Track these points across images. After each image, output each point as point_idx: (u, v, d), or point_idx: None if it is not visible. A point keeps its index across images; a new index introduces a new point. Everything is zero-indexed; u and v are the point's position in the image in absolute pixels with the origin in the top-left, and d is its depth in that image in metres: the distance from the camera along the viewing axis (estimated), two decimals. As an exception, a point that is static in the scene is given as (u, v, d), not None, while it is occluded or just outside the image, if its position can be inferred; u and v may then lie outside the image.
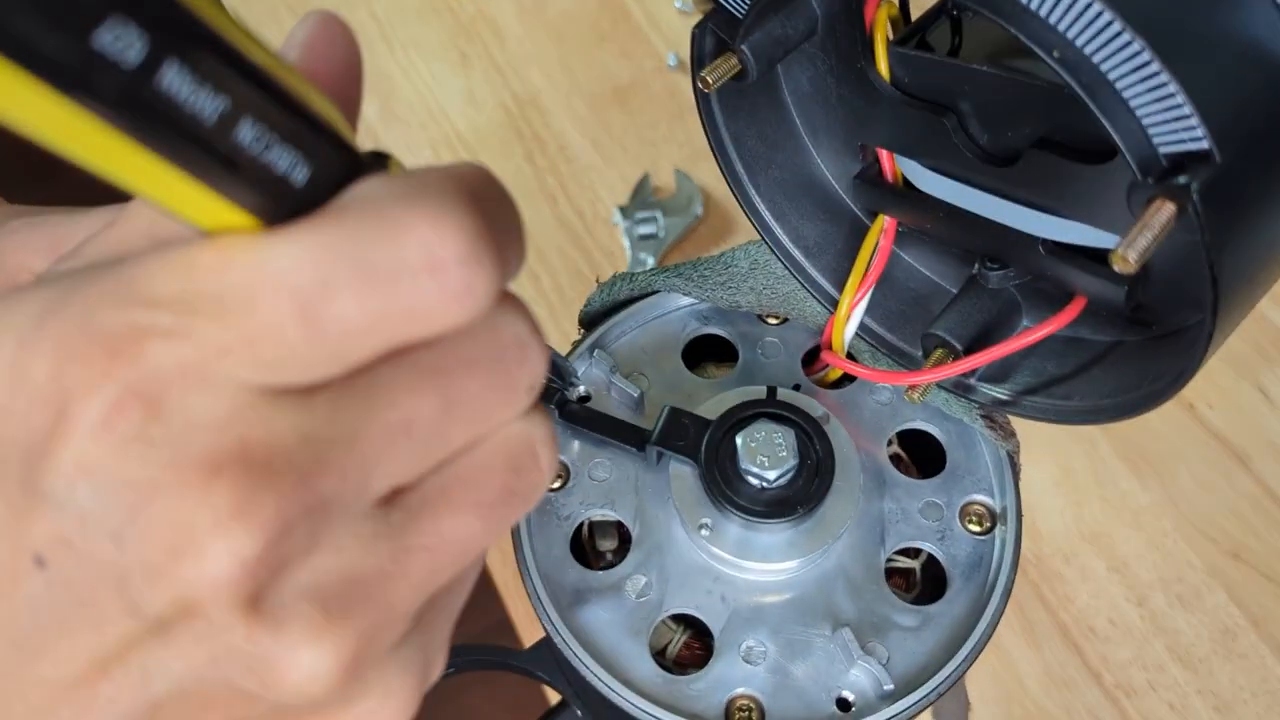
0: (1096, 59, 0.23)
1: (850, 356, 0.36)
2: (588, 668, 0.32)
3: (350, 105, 0.19)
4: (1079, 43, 0.23)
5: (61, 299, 0.16)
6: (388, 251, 0.16)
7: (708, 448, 0.33)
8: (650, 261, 0.70)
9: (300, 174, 0.16)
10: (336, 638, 0.17)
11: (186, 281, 0.16)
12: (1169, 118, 0.23)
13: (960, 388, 0.34)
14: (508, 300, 0.19)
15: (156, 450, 0.15)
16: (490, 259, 0.17)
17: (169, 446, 0.16)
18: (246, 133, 0.15)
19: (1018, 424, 0.37)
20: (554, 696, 0.56)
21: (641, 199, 0.72)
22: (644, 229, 0.71)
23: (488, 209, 0.17)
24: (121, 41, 0.13)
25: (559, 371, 0.33)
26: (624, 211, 0.71)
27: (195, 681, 0.17)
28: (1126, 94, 0.23)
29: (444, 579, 0.19)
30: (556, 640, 0.33)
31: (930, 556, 0.35)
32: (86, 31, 0.13)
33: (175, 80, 0.14)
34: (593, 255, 0.72)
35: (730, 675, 0.32)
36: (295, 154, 0.16)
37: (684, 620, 0.34)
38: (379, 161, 0.18)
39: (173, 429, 0.16)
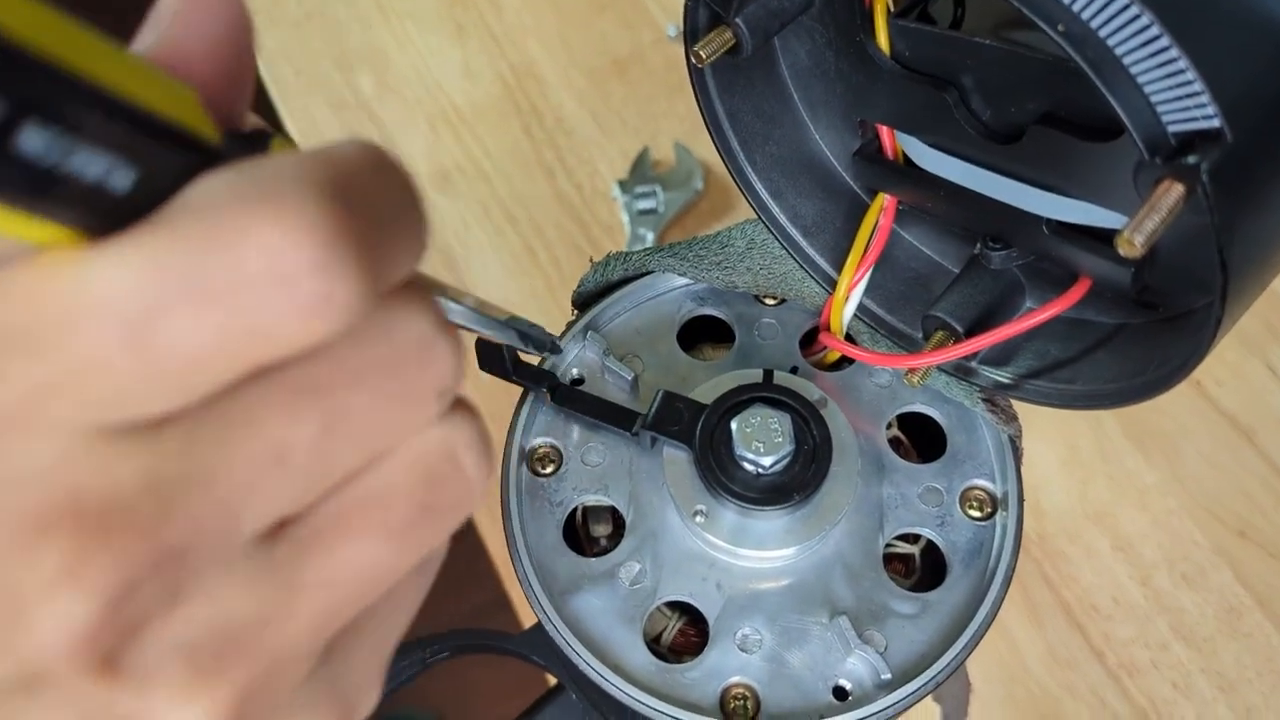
0: (1103, 33, 0.22)
1: (849, 338, 0.36)
2: (580, 656, 0.32)
3: (236, 80, 0.17)
4: (1085, 16, 0.22)
5: None
6: (224, 262, 0.14)
7: (702, 433, 0.32)
8: (650, 236, 0.69)
9: (120, 180, 0.14)
10: (213, 693, 0.16)
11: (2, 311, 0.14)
12: (1179, 95, 0.22)
13: (961, 371, 0.33)
14: (403, 296, 0.16)
15: None
16: (353, 262, 0.14)
17: None
18: (33, 141, 0.13)
19: (1022, 404, 0.36)
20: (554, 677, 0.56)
21: (641, 173, 0.71)
22: (643, 204, 0.70)
23: (357, 199, 0.15)
24: None
25: (534, 343, 0.30)
26: (623, 186, 0.70)
27: None
28: (1135, 70, 0.22)
29: (350, 613, 0.17)
30: (549, 628, 0.32)
31: (930, 542, 0.34)
32: None
33: None
34: (591, 230, 0.71)
35: (725, 664, 0.32)
36: (109, 157, 0.14)
37: (679, 608, 0.34)
38: (254, 145, 0.16)
39: None
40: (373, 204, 0.15)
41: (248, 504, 0.15)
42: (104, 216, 0.14)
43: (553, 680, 0.56)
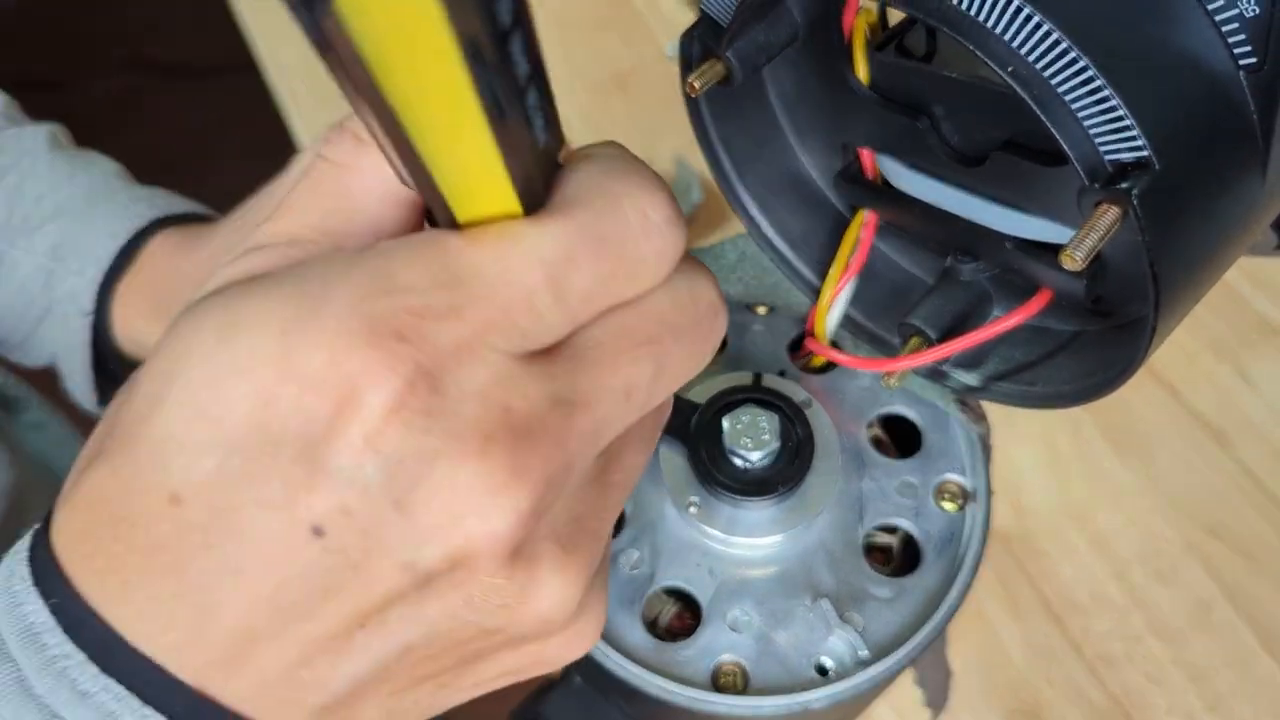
0: (1047, 74, 0.25)
1: (833, 344, 0.38)
2: (584, 636, 0.34)
3: None
4: (1031, 59, 0.25)
5: (317, 294, 0.17)
6: (614, 221, 0.18)
7: (696, 430, 0.35)
8: (649, 247, 0.72)
9: (545, 136, 0.18)
10: (574, 568, 0.20)
11: (445, 267, 0.18)
12: (1113, 129, 0.25)
13: (935, 374, 0.36)
14: (700, 270, 0.21)
15: (438, 423, 0.17)
16: (681, 215, 0.19)
17: (447, 418, 0.17)
18: (533, 97, 0.17)
19: (997, 407, 0.39)
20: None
21: (641, 186, 0.74)
22: (643, 215, 0.73)
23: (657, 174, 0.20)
24: (503, 7, 0.15)
25: None
26: (624, 198, 0.73)
27: (446, 623, 0.19)
28: (1074, 106, 0.25)
29: (625, 499, 0.22)
30: (555, 610, 0.35)
31: (907, 534, 0.37)
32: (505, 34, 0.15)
33: (517, 48, 0.16)
34: (593, 241, 0.74)
35: (717, 642, 0.35)
36: (545, 116, 0.17)
37: (674, 593, 0.37)
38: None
39: (450, 402, 0.17)
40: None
41: (608, 425, 0.19)
42: (532, 170, 0.18)
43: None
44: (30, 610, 0.19)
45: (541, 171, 0.19)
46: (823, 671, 0.34)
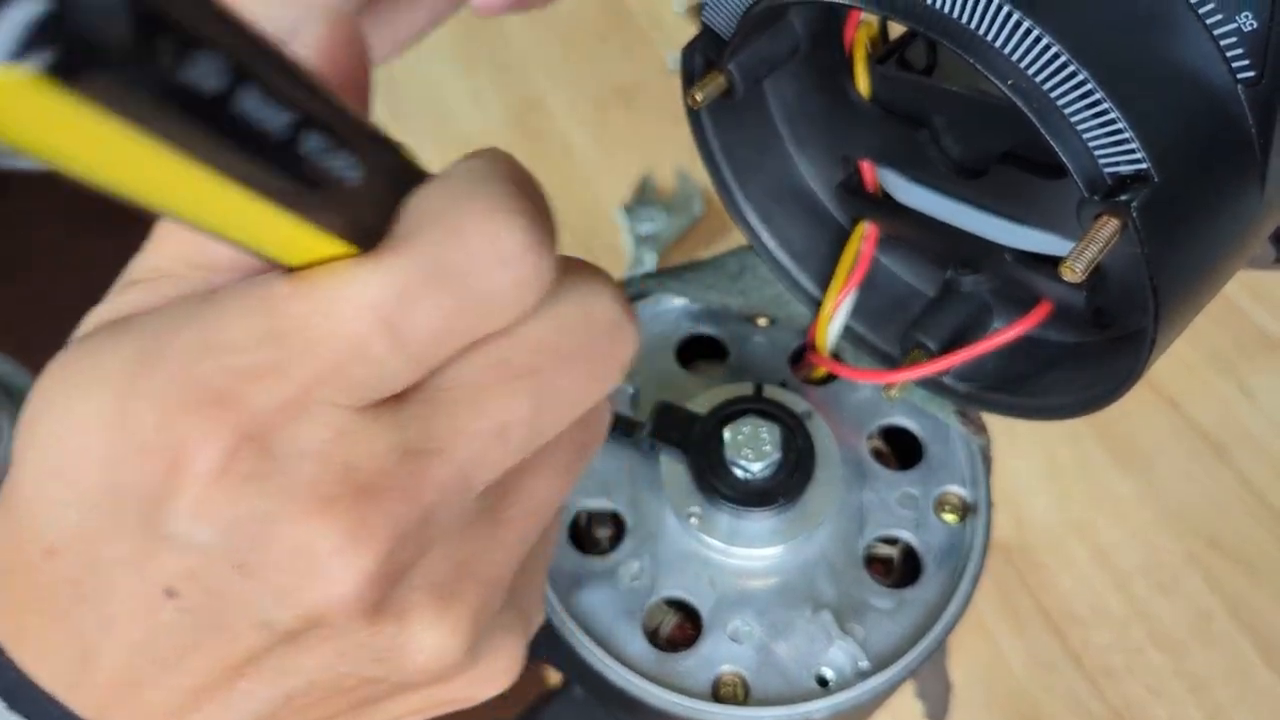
0: (1046, 87, 0.25)
1: (834, 356, 0.39)
2: (585, 647, 0.34)
3: (365, 101, 0.20)
4: (1031, 72, 0.25)
5: (152, 351, 0.17)
6: (456, 252, 0.17)
7: (697, 440, 0.35)
8: (651, 259, 0.72)
9: (355, 174, 0.16)
10: (453, 618, 0.19)
11: (269, 319, 0.17)
12: (1111, 141, 0.25)
13: (935, 386, 0.36)
14: (596, 285, 0.19)
15: (271, 486, 0.17)
16: (546, 238, 0.17)
17: (281, 480, 0.17)
18: (313, 142, 0.15)
19: (997, 419, 0.39)
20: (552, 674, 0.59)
21: (643, 198, 0.74)
22: (645, 227, 0.73)
23: (530, 191, 0.18)
24: (205, 70, 0.13)
25: None
26: (626, 210, 0.73)
27: (325, 673, 0.19)
28: (1074, 119, 0.25)
29: (537, 536, 0.21)
30: (555, 621, 0.35)
31: (908, 546, 0.37)
32: (175, 66, 0.12)
33: (252, 102, 0.13)
34: (595, 252, 0.74)
35: (717, 653, 0.35)
36: (349, 156, 0.16)
37: (675, 605, 0.37)
38: (398, 150, 0.18)
39: (282, 464, 0.17)
40: (535, 194, 0.18)
41: (478, 469, 0.18)
42: (345, 210, 0.16)
43: (551, 681, 0.59)
44: None
45: (372, 203, 0.17)
46: (823, 682, 0.34)
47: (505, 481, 0.19)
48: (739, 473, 0.35)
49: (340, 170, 0.16)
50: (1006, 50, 0.25)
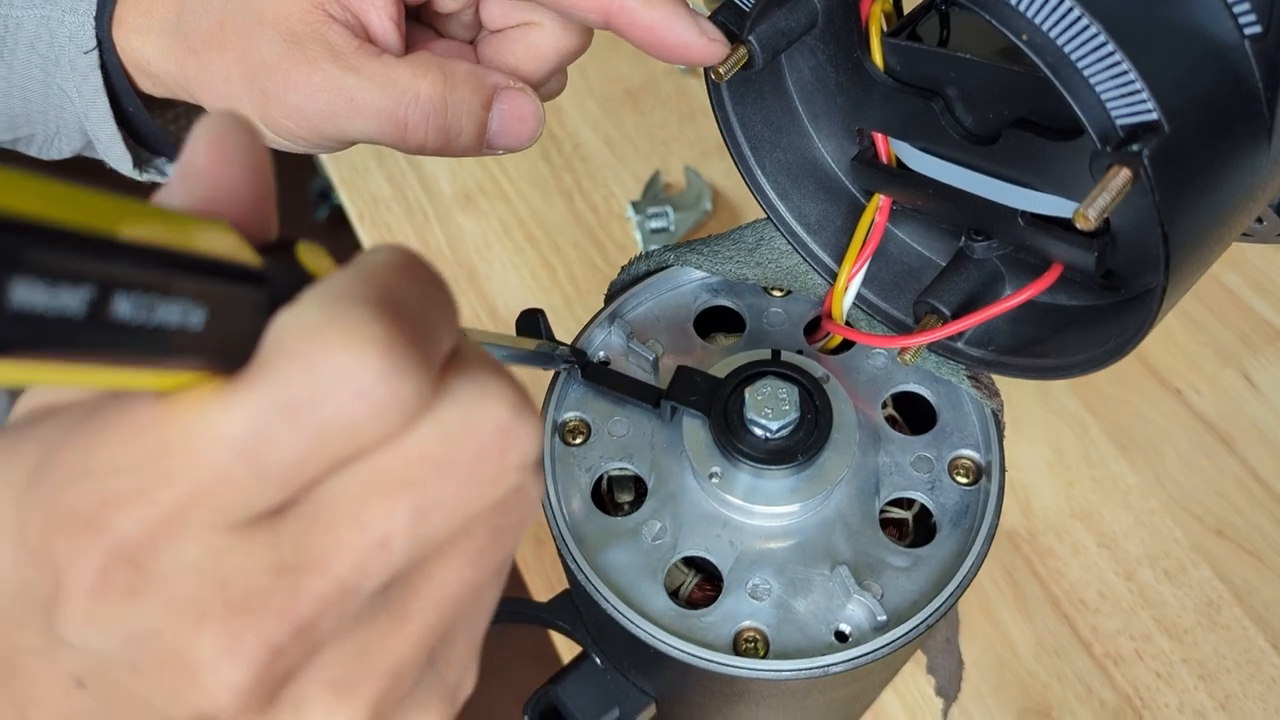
0: (1060, 41, 0.26)
1: (849, 324, 0.40)
2: (610, 604, 0.35)
3: (264, 203, 0.20)
4: (1045, 27, 0.26)
5: (41, 465, 0.18)
6: (309, 387, 0.17)
7: (717, 401, 0.36)
8: (661, 255, 0.73)
9: (196, 319, 0.16)
10: (352, 707, 0.19)
11: (134, 448, 0.17)
12: (1123, 93, 0.26)
13: (948, 350, 0.37)
14: (485, 392, 0.19)
15: (149, 601, 0.17)
16: (410, 359, 0.17)
17: (158, 596, 0.17)
18: (123, 307, 0.15)
19: (1007, 396, 0.40)
20: (562, 647, 0.59)
21: (653, 195, 0.76)
22: (655, 223, 0.74)
23: (400, 302, 0.18)
24: None
25: (559, 360, 0.37)
26: (636, 207, 0.75)
27: None
28: (1087, 72, 0.26)
29: (447, 623, 0.20)
30: (581, 579, 0.36)
31: (921, 509, 0.38)
32: None
33: (28, 295, 0.13)
34: (606, 249, 0.75)
35: (738, 610, 0.35)
36: (183, 302, 0.16)
37: (695, 564, 0.37)
38: (285, 252, 0.19)
39: (159, 580, 0.17)
40: (412, 301, 0.18)
41: (362, 578, 0.18)
42: (197, 352, 0.17)
43: (560, 649, 0.60)
44: None
45: (234, 329, 0.17)
46: (842, 637, 0.35)
47: (406, 577, 0.19)
48: (758, 431, 0.36)
49: (175, 317, 0.16)
50: (1021, 7, 0.27)
